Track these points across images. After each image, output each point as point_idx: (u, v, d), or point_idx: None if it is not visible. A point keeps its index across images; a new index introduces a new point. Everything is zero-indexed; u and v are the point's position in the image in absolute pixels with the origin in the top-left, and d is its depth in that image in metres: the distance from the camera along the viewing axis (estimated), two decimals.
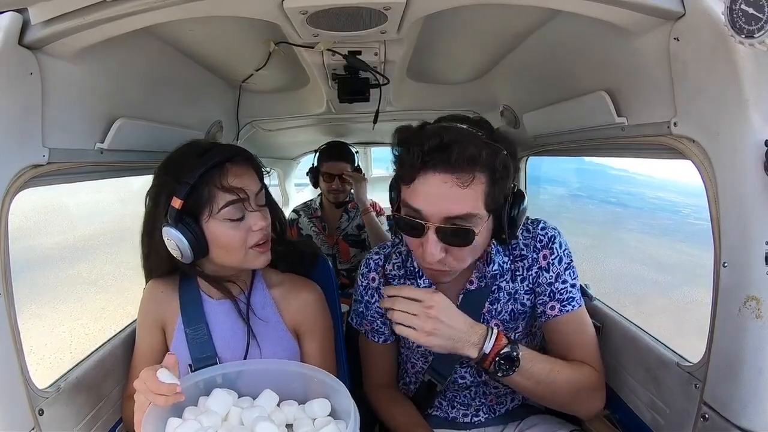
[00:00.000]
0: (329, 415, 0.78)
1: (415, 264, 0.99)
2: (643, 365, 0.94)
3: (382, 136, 2.82)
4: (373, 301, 1.04)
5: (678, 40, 0.71)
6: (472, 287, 0.97)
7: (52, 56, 0.73)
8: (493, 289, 0.97)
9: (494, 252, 0.95)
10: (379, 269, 1.05)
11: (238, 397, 0.81)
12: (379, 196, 2.71)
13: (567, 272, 0.94)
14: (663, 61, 0.75)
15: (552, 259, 0.94)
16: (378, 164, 3.96)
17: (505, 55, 1.18)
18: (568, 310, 0.93)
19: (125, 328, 1.08)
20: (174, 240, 0.81)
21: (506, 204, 0.82)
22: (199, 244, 0.83)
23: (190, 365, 0.91)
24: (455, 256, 0.82)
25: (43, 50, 0.71)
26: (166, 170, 0.86)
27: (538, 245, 0.95)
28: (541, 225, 0.96)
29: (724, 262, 0.70)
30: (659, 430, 0.90)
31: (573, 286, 0.94)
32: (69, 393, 0.82)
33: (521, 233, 0.97)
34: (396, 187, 0.87)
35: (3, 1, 0.62)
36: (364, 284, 1.06)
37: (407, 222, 0.81)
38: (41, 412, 0.74)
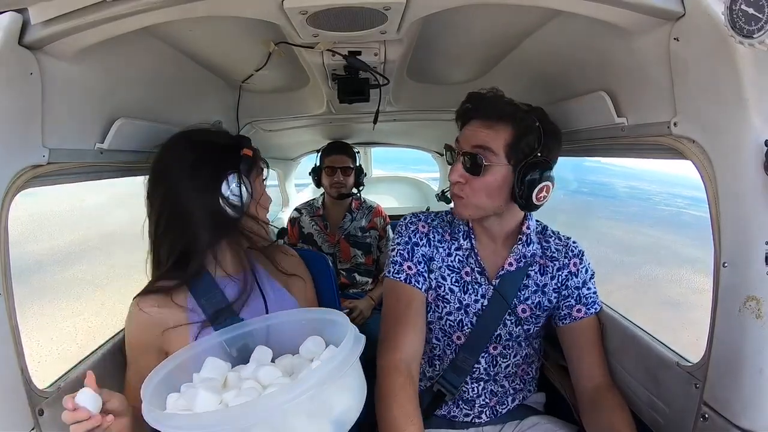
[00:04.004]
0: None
1: (461, 227, 1.06)
2: (643, 365, 0.94)
3: (383, 136, 2.82)
4: (421, 243, 1.05)
5: (678, 40, 0.71)
6: (512, 268, 1.03)
7: (52, 56, 0.73)
8: (523, 276, 1.04)
9: (533, 235, 1.04)
10: (429, 221, 1.08)
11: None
12: (380, 197, 2.72)
13: (591, 281, 1.07)
14: (663, 61, 0.75)
15: (580, 268, 1.06)
16: (378, 164, 3.95)
17: (505, 55, 1.17)
18: (591, 313, 1.04)
19: (125, 328, 1.08)
20: None
21: (525, 162, 0.92)
22: None
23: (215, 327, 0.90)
24: (471, 186, 0.95)
25: (43, 50, 0.71)
26: None
27: (570, 254, 1.06)
28: (572, 240, 1.10)
29: (724, 262, 0.70)
30: (659, 430, 0.90)
31: (595, 293, 1.06)
32: (69, 393, 0.82)
33: (553, 240, 1.08)
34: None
35: (3, 1, 0.62)
36: (411, 228, 1.07)
37: (449, 151, 1.01)
38: (41, 412, 0.74)
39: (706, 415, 0.74)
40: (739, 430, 0.68)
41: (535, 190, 0.92)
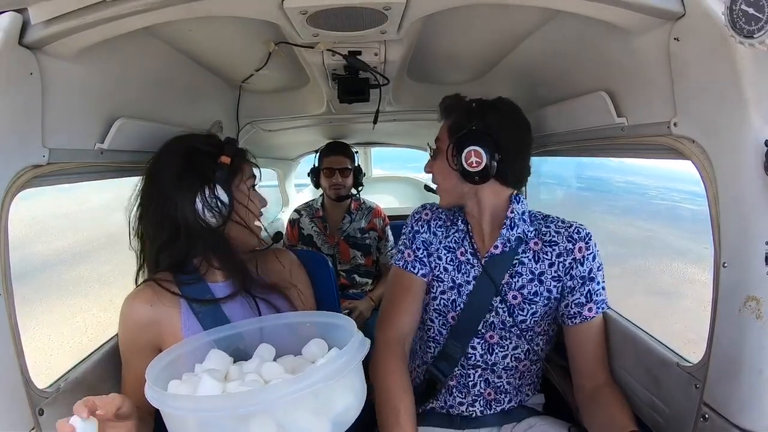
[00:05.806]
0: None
1: (459, 212, 1.12)
2: (643, 365, 0.94)
3: (382, 136, 2.82)
4: (422, 230, 1.12)
5: (678, 40, 0.71)
6: (497, 251, 1.04)
7: (52, 56, 0.73)
8: (514, 262, 1.03)
9: (517, 219, 1.03)
10: (434, 209, 1.16)
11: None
12: (379, 197, 2.72)
13: (599, 272, 1.01)
14: (663, 61, 0.75)
15: (587, 254, 1.00)
16: (378, 164, 3.96)
17: (505, 55, 1.18)
18: (600, 311, 1.00)
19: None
20: None
21: (459, 136, 1.00)
22: None
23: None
24: (433, 171, 1.10)
25: (43, 50, 0.71)
26: None
27: (575, 236, 1.01)
28: (578, 223, 1.05)
29: (724, 262, 0.70)
30: (659, 430, 0.90)
31: (603, 288, 1.01)
32: (69, 393, 0.82)
33: (554, 225, 1.04)
34: None
35: (3, 1, 0.62)
36: (416, 218, 1.15)
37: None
38: (41, 412, 0.74)
39: (706, 416, 0.74)
40: (739, 431, 0.68)
41: (463, 156, 0.97)
